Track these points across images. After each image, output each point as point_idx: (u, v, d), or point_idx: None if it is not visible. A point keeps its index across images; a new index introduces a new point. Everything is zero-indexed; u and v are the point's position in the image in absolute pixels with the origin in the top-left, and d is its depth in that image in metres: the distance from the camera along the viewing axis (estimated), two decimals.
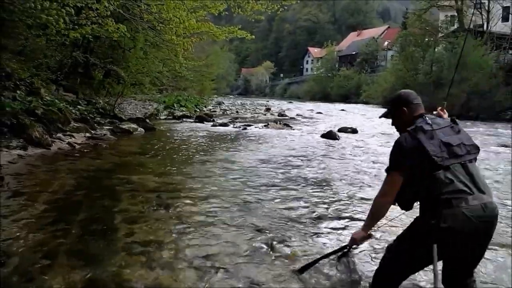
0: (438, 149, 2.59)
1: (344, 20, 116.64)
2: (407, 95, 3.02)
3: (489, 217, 2.47)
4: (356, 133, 15.34)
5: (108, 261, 3.51)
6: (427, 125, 2.72)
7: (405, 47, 43.50)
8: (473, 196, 2.47)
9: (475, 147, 2.72)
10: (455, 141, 2.66)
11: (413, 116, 2.90)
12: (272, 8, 15.69)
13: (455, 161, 2.59)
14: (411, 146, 2.65)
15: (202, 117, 18.38)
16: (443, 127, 2.74)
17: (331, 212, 5.20)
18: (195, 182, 6.46)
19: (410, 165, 2.63)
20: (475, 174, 2.59)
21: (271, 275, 3.42)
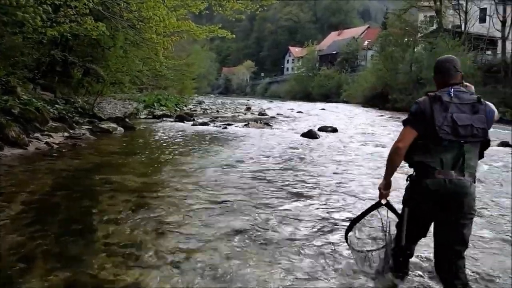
0: (445, 121, 2.84)
1: (325, 19, 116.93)
2: (440, 63, 3.21)
3: (454, 192, 2.83)
4: (336, 132, 15.42)
5: (87, 263, 3.48)
6: (447, 96, 2.93)
7: (385, 47, 43.90)
8: (443, 171, 2.84)
9: (483, 132, 2.90)
10: (464, 120, 2.85)
11: (442, 83, 3.08)
12: (253, 8, 15.70)
13: (454, 138, 2.84)
14: (424, 110, 2.93)
15: (182, 117, 18.30)
16: (463, 103, 2.91)
17: (310, 210, 5.22)
18: (175, 182, 6.42)
19: (417, 124, 2.95)
20: (466, 155, 2.86)
21: (250, 274, 3.42)
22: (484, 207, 5.74)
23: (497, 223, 5.08)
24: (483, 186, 7.11)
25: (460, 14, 38.31)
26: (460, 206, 2.86)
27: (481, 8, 38.98)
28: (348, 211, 5.26)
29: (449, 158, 2.87)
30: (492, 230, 4.79)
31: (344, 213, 5.18)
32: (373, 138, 13.93)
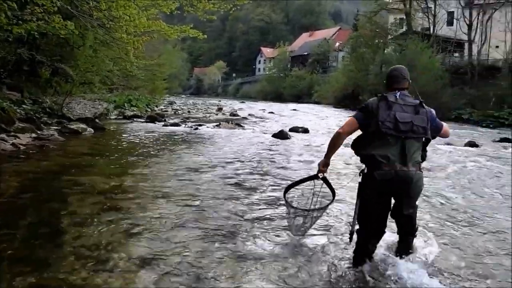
0: (388, 118, 3.28)
1: (297, 20, 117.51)
2: (390, 71, 3.69)
3: (400, 181, 3.26)
4: (308, 133, 15.52)
5: (55, 266, 3.42)
6: (393, 97, 3.39)
7: (356, 48, 44.49)
8: (390, 163, 3.24)
9: (424, 129, 3.33)
10: (405, 119, 3.28)
11: (391, 88, 3.55)
12: (225, 8, 15.66)
13: (395, 133, 3.27)
14: (371, 106, 3.39)
15: (153, 117, 18.14)
16: (407, 105, 3.36)
17: (281, 211, 5.21)
18: (145, 183, 6.36)
19: (362, 118, 3.42)
20: (407, 149, 3.28)
21: (221, 274, 3.41)
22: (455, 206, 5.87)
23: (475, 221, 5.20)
24: (450, 182, 7.27)
25: (429, 17, 39.03)
26: (407, 192, 3.36)
27: (449, 12, 39.83)
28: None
29: (394, 152, 3.27)
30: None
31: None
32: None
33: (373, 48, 41.56)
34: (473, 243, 4.43)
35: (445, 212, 5.58)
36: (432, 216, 5.36)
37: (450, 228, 4.91)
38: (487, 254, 4.13)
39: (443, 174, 8.46)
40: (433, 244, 4.20)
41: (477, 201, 6.42)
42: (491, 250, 4.26)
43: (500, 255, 4.13)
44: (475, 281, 3.54)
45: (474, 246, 4.34)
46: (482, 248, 4.30)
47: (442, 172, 8.66)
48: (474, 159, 10.60)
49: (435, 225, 4.96)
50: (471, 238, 4.61)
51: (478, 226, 5.06)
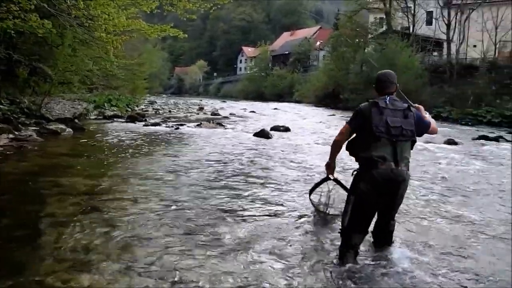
0: (380, 123, 3.58)
1: (278, 20, 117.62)
2: (379, 76, 3.98)
3: (395, 180, 3.56)
4: (289, 132, 15.55)
5: (33, 269, 3.38)
6: (383, 102, 3.69)
7: (337, 48, 44.73)
8: (385, 163, 3.54)
9: (412, 132, 3.67)
10: (395, 123, 3.60)
11: (380, 93, 3.86)
12: (205, 7, 15.62)
13: (387, 136, 3.57)
14: (363, 112, 3.72)
15: (133, 117, 17.99)
16: (396, 109, 3.68)
17: (262, 210, 5.25)
18: (126, 184, 6.31)
19: (356, 124, 3.76)
20: (399, 150, 3.59)
21: (202, 275, 3.40)
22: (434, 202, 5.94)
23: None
24: (429, 180, 7.36)
25: (408, 16, 39.42)
26: (398, 189, 3.64)
27: (428, 11, 40.29)
28: (298, 210, 5.32)
29: (388, 153, 3.57)
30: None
31: (294, 212, 5.23)
32: (324, 137, 14.12)
33: (353, 47, 41.81)
34: (451, 237, 4.50)
35: (423, 209, 5.64)
36: (410, 213, 5.43)
37: (428, 223, 4.96)
38: (465, 247, 4.20)
39: (422, 172, 8.54)
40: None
41: (454, 197, 6.51)
42: (469, 243, 4.33)
43: (473, 247, 4.23)
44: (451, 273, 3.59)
45: (453, 242, 4.40)
46: (461, 241, 4.37)
47: (421, 170, 8.74)
48: (453, 157, 10.74)
49: (413, 222, 5.01)
50: (448, 233, 4.67)
51: (456, 221, 5.13)
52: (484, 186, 7.58)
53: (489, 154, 11.79)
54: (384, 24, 42.23)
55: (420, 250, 4.13)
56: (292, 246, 4.08)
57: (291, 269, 3.58)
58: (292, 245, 4.12)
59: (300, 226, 4.69)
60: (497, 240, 4.56)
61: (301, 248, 4.06)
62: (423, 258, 3.94)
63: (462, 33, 36.00)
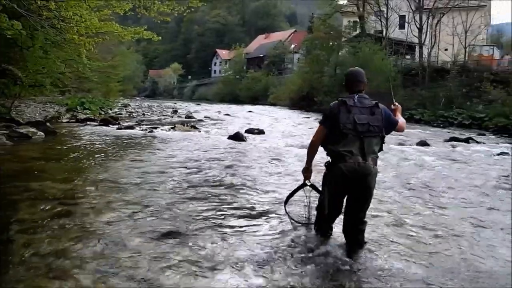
0: (348, 120, 3.80)
1: (253, 23, 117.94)
2: (348, 74, 4.20)
3: (360, 172, 3.75)
4: (263, 134, 15.56)
5: (3, 276, 3.29)
6: (351, 101, 3.90)
7: (311, 51, 45.01)
8: (352, 157, 3.75)
9: (379, 128, 3.86)
10: (362, 120, 3.80)
11: (350, 90, 4.07)
12: (179, 10, 15.56)
13: (354, 133, 3.79)
14: (333, 111, 3.92)
15: (107, 120, 17.75)
16: (363, 107, 3.88)
17: (235, 212, 5.24)
18: (98, 188, 6.21)
19: (327, 123, 3.96)
20: (366, 145, 3.80)
21: (177, 278, 3.38)
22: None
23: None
24: (401, 181, 7.45)
25: (382, 20, 39.96)
26: (365, 183, 3.80)
27: (401, 15, 40.94)
28: (272, 211, 5.33)
29: (356, 148, 3.78)
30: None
31: (269, 213, 5.24)
32: (299, 139, 14.18)
33: (327, 50, 42.15)
34: (419, 236, 4.55)
35: (394, 208, 5.70)
36: (377, 208, 5.49)
37: (398, 222, 5.02)
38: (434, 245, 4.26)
39: (394, 173, 8.64)
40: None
41: (425, 197, 6.60)
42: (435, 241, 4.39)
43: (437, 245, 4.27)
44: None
45: (420, 240, 4.45)
46: (427, 239, 4.42)
47: (394, 171, 8.85)
48: (425, 158, 10.90)
49: (385, 220, 5.05)
50: (416, 232, 4.72)
51: (426, 220, 5.20)
52: (453, 185, 7.70)
53: (460, 155, 12.01)
54: (357, 28, 42.71)
55: (390, 250, 4.18)
56: (264, 247, 4.08)
57: (264, 270, 3.57)
58: (265, 246, 4.11)
59: (271, 227, 4.68)
60: (463, 239, 4.63)
61: (274, 250, 4.05)
62: (394, 260, 3.98)
63: (434, 37, 36.67)
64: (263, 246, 4.14)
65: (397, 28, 40.57)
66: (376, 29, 41.51)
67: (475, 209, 5.96)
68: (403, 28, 40.89)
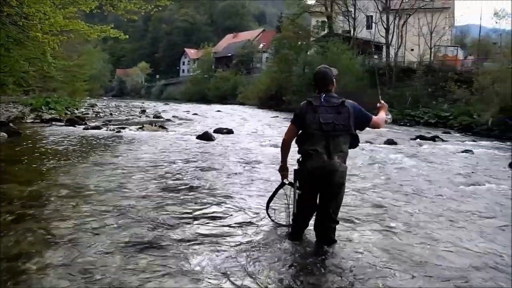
0: (313, 120, 3.91)
1: (221, 22, 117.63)
2: (316, 74, 4.28)
3: (326, 170, 3.85)
4: (232, 134, 15.52)
5: None
6: (317, 100, 4.00)
7: (280, 50, 45.17)
8: (319, 156, 3.86)
9: (345, 127, 3.94)
10: (327, 119, 3.90)
11: (318, 89, 4.16)
12: (147, 8, 15.39)
13: (319, 132, 3.89)
14: (301, 111, 4.05)
15: (73, 120, 17.40)
16: (330, 106, 3.97)
17: (205, 213, 5.17)
18: (64, 190, 6.05)
19: (297, 123, 4.08)
20: (332, 144, 3.89)
21: (144, 281, 3.30)
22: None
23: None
24: (368, 178, 7.52)
25: (349, 20, 40.47)
26: (331, 180, 3.89)
27: (368, 16, 41.52)
28: (242, 210, 5.31)
29: (321, 147, 3.88)
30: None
31: (239, 213, 5.21)
32: (267, 138, 14.21)
33: (296, 49, 42.39)
34: (388, 233, 4.58)
35: (361, 207, 5.74)
36: (348, 209, 5.50)
37: (366, 219, 5.04)
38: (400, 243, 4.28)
39: (362, 171, 8.72)
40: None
41: (390, 195, 6.67)
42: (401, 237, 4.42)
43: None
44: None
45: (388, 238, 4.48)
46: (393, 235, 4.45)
47: (362, 169, 8.94)
48: (392, 156, 11.05)
49: (352, 217, 5.07)
50: (385, 229, 4.75)
51: (392, 218, 5.24)
52: (419, 182, 7.83)
53: (426, 153, 12.24)
54: (326, 27, 43.14)
55: (360, 247, 4.19)
56: (236, 250, 4.02)
57: (236, 274, 3.51)
58: (236, 249, 4.06)
59: (244, 229, 4.64)
60: (431, 234, 4.67)
61: (246, 252, 3.99)
62: (363, 256, 3.98)
63: (400, 38, 37.35)
64: (234, 249, 4.08)
65: (364, 28, 41.12)
66: (344, 29, 42.05)
67: (443, 205, 6.04)
68: (370, 29, 41.50)
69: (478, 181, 8.13)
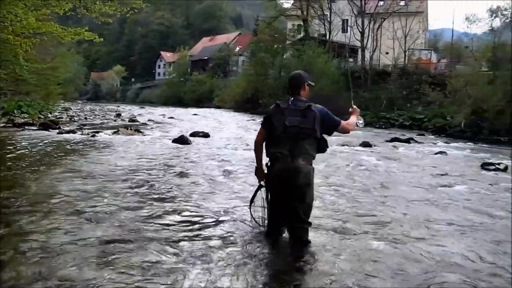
0: (279, 123, 4.01)
1: (197, 25, 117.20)
2: (289, 78, 4.44)
3: (290, 172, 3.94)
4: (208, 137, 15.49)
5: None
6: (285, 104, 4.11)
7: (256, 53, 45.29)
8: (284, 158, 3.96)
9: (310, 130, 4.00)
10: (292, 122, 3.97)
11: (290, 94, 4.24)
12: (122, 11, 15.26)
13: (284, 135, 3.98)
14: (269, 114, 4.17)
15: (47, 124, 17.10)
16: (296, 109, 4.04)
17: (179, 216, 5.15)
18: (36, 195, 5.93)
19: (266, 125, 4.18)
20: (296, 146, 3.97)
21: (118, 283, 3.26)
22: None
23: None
24: (343, 180, 7.56)
25: (325, 24, 40.79)
26: (296, 181, 3.94)
27: (343, 19, 41.97)
28: (217, 213, 5.28)
29: (286, 149, 3.97)
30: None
31: (215, 216, 5.16)
32: (243, 141, 14.20)
33: (272, 53, 42.56)
34: (361, 235, 4.60)
35: (337, 211, 5.75)
36: (323, 210, 5.56)
37: (340, 219, 5.06)
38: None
39: (338, 173, 8.78)
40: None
41: (365, 197, 6.70)
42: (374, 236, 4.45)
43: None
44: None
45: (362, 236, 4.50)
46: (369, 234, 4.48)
47: (338, 172, 9.00)
48: (368, 158, 11.17)
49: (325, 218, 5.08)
50: (359, 230, 4.77)
51: (365, 217, 5.27)
52: (394, 184, 7.94)
53: (401, 155, 12.44)
54: (302, 31, 43.42)
55: (332, 249, 4.20)
56: (210, 252, 3.98)
57: (210, 276, 3.48)
58: (211, 251, 4.02)
59: (220, 232, 4.61)
60: (403, 236, 4.70)
61: (220, 254, 3.96)
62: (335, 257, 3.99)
63: (375, 41, 37.82)
64: (208, 251, 4.04)
65: (340, 31, 41.50)
66: (319, 33, 42.36)
67: (418, 208, 6.10)
68: (346, 32, 41.91)
69: (452, 183, 8.26)
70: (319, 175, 7.76)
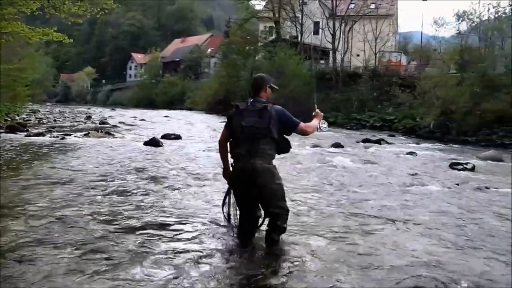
0: (238, 124, 4.09)
1: (169, 26, 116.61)
2: (251, 81, 4.55)
3: (249, 171, 4.00)
4: (180, 139, 15.43)
5: None
6: (244, 105, 4.20)
7: (228, 55, 45.28)
8: (243, 158, 4.05)
9: (265, 130, 4.04)
10: (248, 123, 4.04)
11: (249, 96, 4.34)
12: (92, 11, 15.03)
13: (242, 135, 4.06)
14: (230, 116, 4.27)
15: (14, 127, 16.73)
16: (254, 110, 4.10)
17: (150, 220, 5.07)
18: (5, 200, 5.76)
19: (228, 126, 4.25)
20: (254, 146, 4.02)
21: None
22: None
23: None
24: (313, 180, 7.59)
25: (297, 26, 41.00)
26: (255, 181, 4.01)
27: (315, 22, 42.26)
28: (189, 217, 5.23)
29: (244, 149, 4.05)
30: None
31: (186, 219, 5.11)
32: (215, 143, 14.11)
33: (244, 54, 42.61)
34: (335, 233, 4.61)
35: (308, 211, 5.76)
36: (295, 214, 5.52)
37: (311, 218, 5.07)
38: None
39: (309, 174, 8.83)
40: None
41: (336, 198, 6.71)
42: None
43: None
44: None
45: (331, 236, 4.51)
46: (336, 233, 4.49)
47: (308, 172, 9.06)
48: (339, 159, 11.25)
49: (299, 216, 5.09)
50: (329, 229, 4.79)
51: (338, 215, 5.29)
52: (365, 184, 8.01)
53: (372, 156, 12.59)
54: (273, 33, 43.57)
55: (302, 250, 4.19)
56: (180, 256, 3.93)
57: (178, 279, 3.44)
58: (181, 255, 3.97)
59: (191, 235, 4.56)
60: (375, 235, 4.74)
61: (191, 258, 3.91)
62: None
63: (346, 43, 38.24)
64: (178, 254, 3.99)
65: (311, 34, 41.76)
66: (291, 35, 42.56)
67: (389, 207, 6.14)
68: (317, 34, 42.21)
69: (422, 182, 8.38)
70: (289, 176, 7.82)
